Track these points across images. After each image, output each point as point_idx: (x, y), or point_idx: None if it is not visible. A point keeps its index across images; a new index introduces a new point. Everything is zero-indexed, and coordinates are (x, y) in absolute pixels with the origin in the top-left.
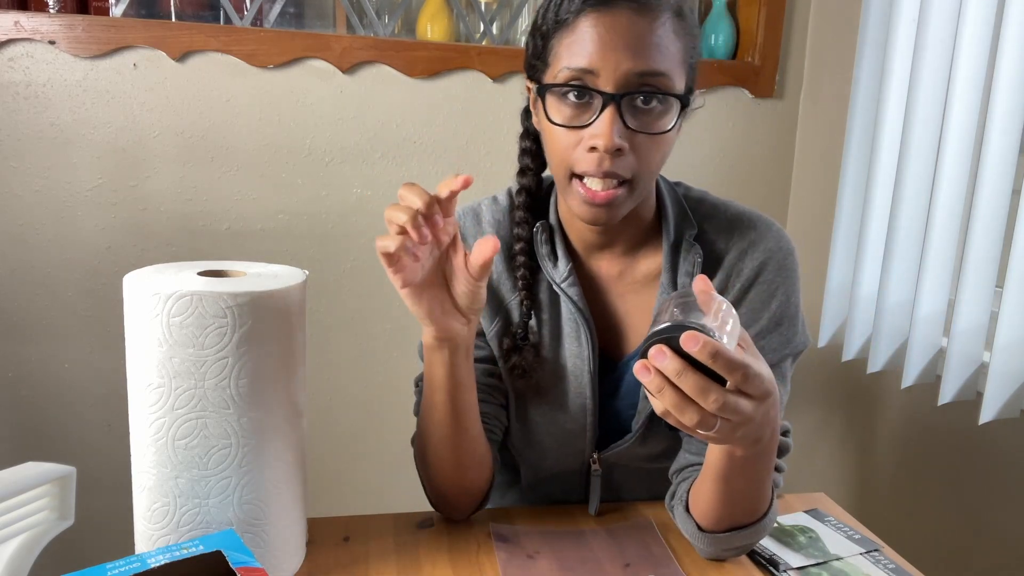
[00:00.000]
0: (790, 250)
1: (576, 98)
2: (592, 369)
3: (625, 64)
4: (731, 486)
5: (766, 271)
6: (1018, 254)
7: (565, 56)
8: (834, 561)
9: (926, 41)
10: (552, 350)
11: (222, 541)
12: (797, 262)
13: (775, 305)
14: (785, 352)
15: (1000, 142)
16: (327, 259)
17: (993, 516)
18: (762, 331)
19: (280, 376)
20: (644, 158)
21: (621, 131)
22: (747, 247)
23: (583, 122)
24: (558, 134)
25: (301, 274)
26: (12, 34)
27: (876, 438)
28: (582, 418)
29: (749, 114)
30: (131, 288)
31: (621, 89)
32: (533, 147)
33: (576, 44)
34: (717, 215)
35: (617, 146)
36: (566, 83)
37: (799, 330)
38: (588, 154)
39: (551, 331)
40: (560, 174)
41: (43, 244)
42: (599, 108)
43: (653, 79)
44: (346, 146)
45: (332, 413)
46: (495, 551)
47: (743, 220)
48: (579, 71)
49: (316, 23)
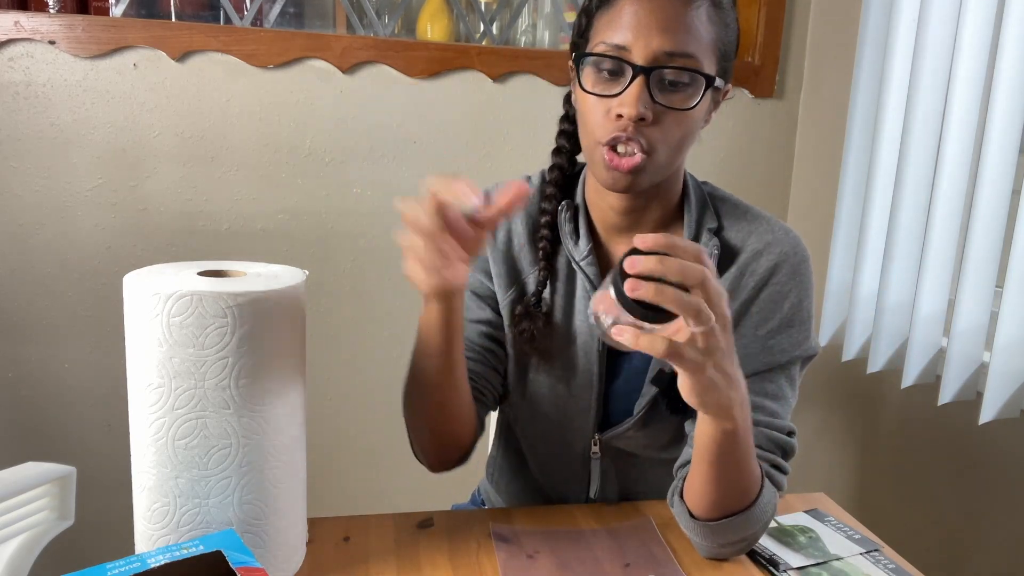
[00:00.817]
0: (805, 257)
1: (609, 70)
2: (601, 348)
3: (656, 42)
4: (717, 468)
5: (780, 273)
6: (1018, 254)
7: (603, 32)
8: (834, 561)
9: (926, 41)
10: (564, 322)
11: (222, 541)
12: (811, 270)
13: (787, 306)
14: (795, 354)
15: (1000, 142)
16: (327, 259)
17: (993, 516)
18: (772, 331)
19: (280, 376)
20: (666, 131)
21: (647, 102)
22: (763, 248)
23: (613, 92)
24: (590, 104)
25: (301, 274)
26: (12, 34)
27: (876, 438)
28: (587, 396)
29: (749, 114)
30: (131, 288)
31: (651, 64)
32: (570, 128)
33: (614, 21)
34: (738, 214)
35: (641, 115)
36: (599, 53)
37: (810, 335)
38: (615, 122)
39: (564, 304)
40: (590, 144)
41: (43, 244)
42: (628, 80)
43: (682, 59)
44: (346, 146)
45: (332, 413)
46: (495, 551)
47: (763, 223)
48: (613, 46)
49: (316, 23)
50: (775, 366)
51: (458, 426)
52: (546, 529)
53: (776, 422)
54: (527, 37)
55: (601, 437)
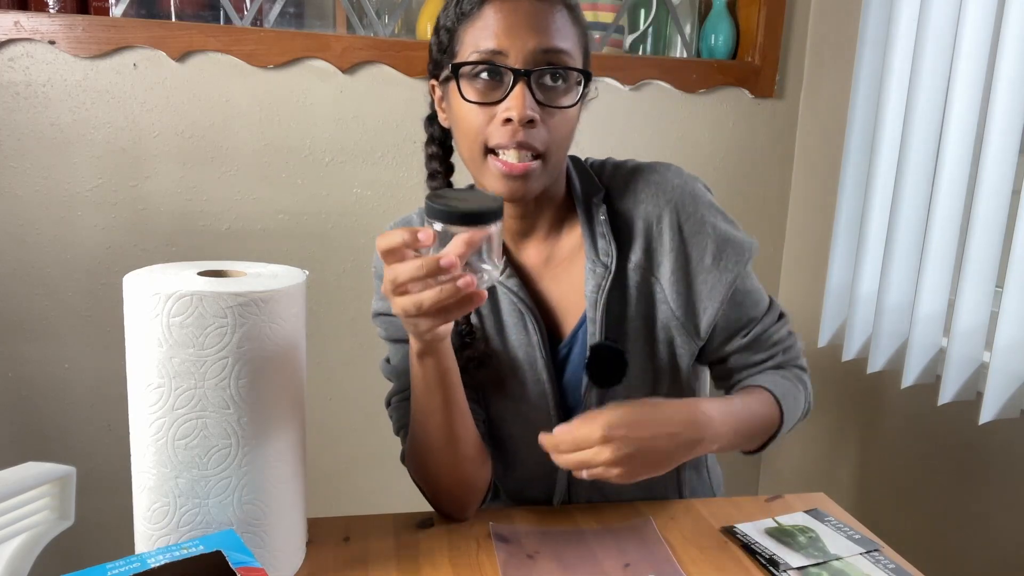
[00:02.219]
0: (693, 178)
1: (488, 77)
2: (545, 355)
3: (531, 42)
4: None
5: (684, 208)
6: (1018, 254)
7: (472, 42)
8: (834, 561)
9: (926, 41)
10: (499, 343)
11: (222, 541)
12: (704, 186)
13: (709, 231)
14: (744, 258)
15: (1000, 142)
16: (327, 259)
17: (993, 516)
18: (713, 261)
19: (280, 376)
20: (554, 131)
21: (532, 104)
22: (655, 192)
23: (495, 98)
24: (471, 114)
25: (301, 274)
26: (12, 34)
27: (876, 438)
28: (544, 405)
29: (749, 114)
30: (131, 288)
31: (529, 66)
32: (440, 152)
33: (483, 29)
34: (618, 173)
35: (530, 117)
36: (477, 62)
37: (741, 237)
38: (503, 127)
39: (494, 324)
40: (475, 154)
41: (43, 244)
42: (510, 84)
43: (557, 56)
44: (346, 146)
45: (332, 413)
46: (495, 551)
47: (642, 170)
48: (489, 52)
49: (316, 23)
50: (735, 280)
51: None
52: (546, 529)
53: (769, 331)
54: None
55: None
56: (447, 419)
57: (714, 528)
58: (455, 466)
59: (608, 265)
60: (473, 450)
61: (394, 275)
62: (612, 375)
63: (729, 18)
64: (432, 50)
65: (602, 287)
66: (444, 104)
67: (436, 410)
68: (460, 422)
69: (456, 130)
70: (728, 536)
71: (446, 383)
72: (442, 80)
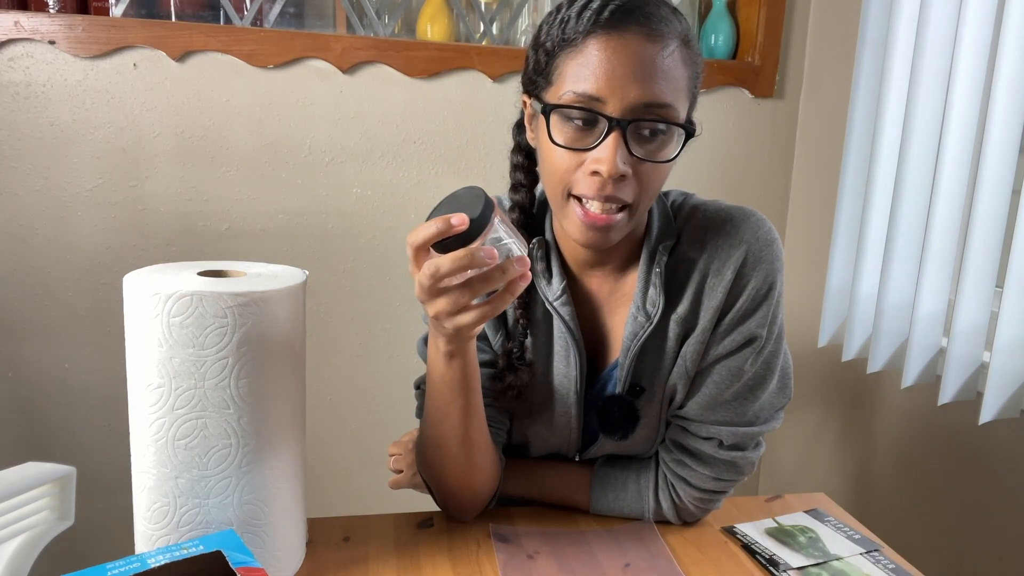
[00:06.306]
0: (769, 240)
1: (581, 120)
2: (579, 388)
3: (633, 93)
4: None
5: (746, 264)
6: (1018, 254)
7: (571, 79)
8: (834, 561)
9: (926, 41)
10: (543, 370)
11: (222, 541)
12: (780, 251)
13: (758, 285)
14: (762, 330)
15: (1000, 142)
16: (327, 259)
17: (993, 516)
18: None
19: (280, 376)
20: (645, 185)
21: (625, 157)
22: (722, 242)
23: (586, 145)
24: (558, 154)
25: (301, 274)
26: (12, 34)
27: (876, 438)
28: (567, 434)
29: (749, 114)
30: (131, 288)
31: (627, 116)
32: (525, 163)
33: (583, 68)
34: (694, 217)
35: (621, 172)
36: (572, 105)
37: (776, 349)
38: (590, 178)
39: (544, 350)
40: (557, 193)
41: (43, 244)
42: (603, 133)
43: (659, 110)
44: (346, 146)
45: (332, 413)
46: (495, 551)
47: (720, 217)
48: (585, 96)
49: (316, 23)
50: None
51: (485, 475)
52: (546, 529)
53: (732, 443)
54: (527, 37)
55: (581, 456)
56: (464, 422)
57: (714, 528)
58: (465, 470)
59: (651, 316)
60: (485, 458)
61: (435, 268)
62: (620, 428)
63: (729, 18)
64: (528, 63)
65: (638, 336)
66: (533, 124)
67: (454, 413)
68: (476, 427)
69: (541, 161)
70: (728, 536)
71: (469, 387)
72: (532, 102)
